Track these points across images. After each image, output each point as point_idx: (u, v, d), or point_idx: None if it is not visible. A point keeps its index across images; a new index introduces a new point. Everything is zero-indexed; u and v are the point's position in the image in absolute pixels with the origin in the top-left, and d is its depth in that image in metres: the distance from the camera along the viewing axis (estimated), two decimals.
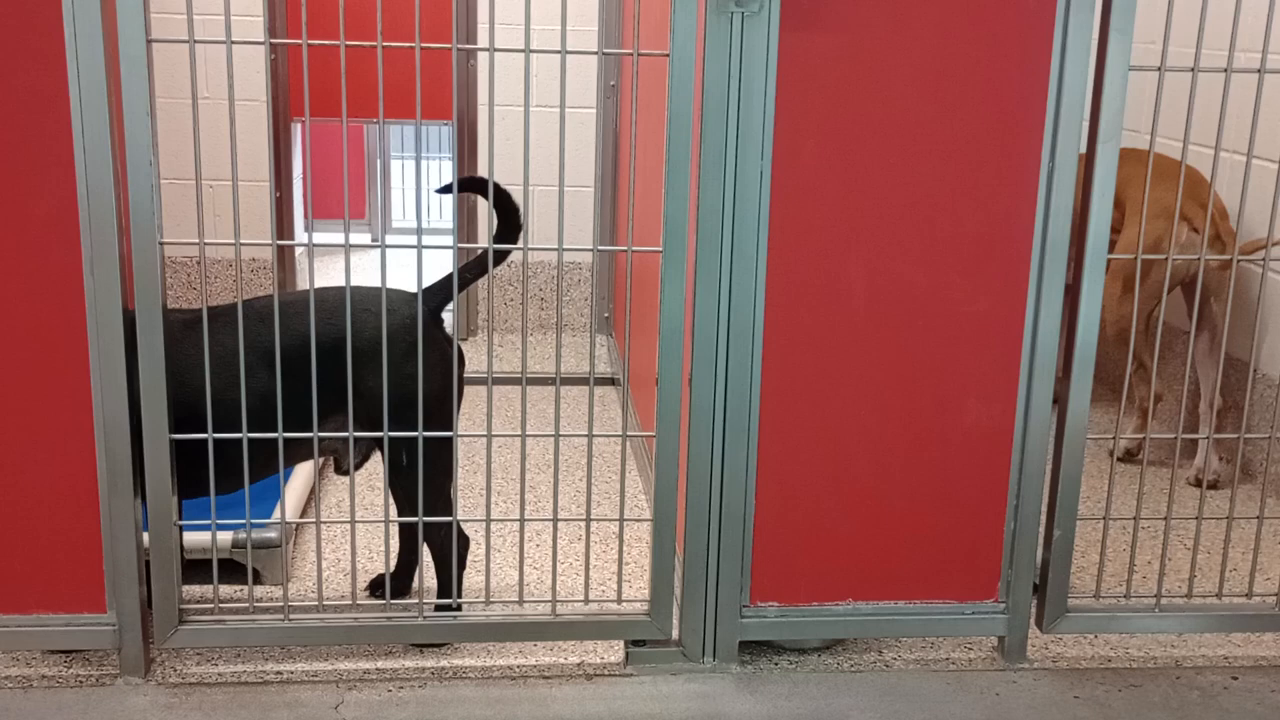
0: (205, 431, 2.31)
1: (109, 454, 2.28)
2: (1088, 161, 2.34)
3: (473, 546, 2.76)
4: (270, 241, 2.27)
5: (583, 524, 2.95)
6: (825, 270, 2.35)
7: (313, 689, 2.42)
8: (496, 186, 2.38)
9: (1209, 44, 2.37)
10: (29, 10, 2.11)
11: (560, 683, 2.48)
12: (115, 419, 2.27)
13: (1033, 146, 2.32)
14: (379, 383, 2.37)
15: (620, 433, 2.49)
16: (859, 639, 2.64)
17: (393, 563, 2.65)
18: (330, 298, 2.40)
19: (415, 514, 2.43)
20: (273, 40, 2.92)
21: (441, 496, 2.47)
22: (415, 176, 2.23)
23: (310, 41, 2.19)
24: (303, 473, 3.07)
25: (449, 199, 7.12)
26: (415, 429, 2.36)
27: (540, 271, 4.86)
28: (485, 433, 2.37)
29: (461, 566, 2.55)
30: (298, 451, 2.45)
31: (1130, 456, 3.67)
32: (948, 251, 2.36)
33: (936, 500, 2.48)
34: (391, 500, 2.48)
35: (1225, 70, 2.34)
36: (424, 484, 2.40)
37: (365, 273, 5.61)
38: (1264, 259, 2.59)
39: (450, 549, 2.48)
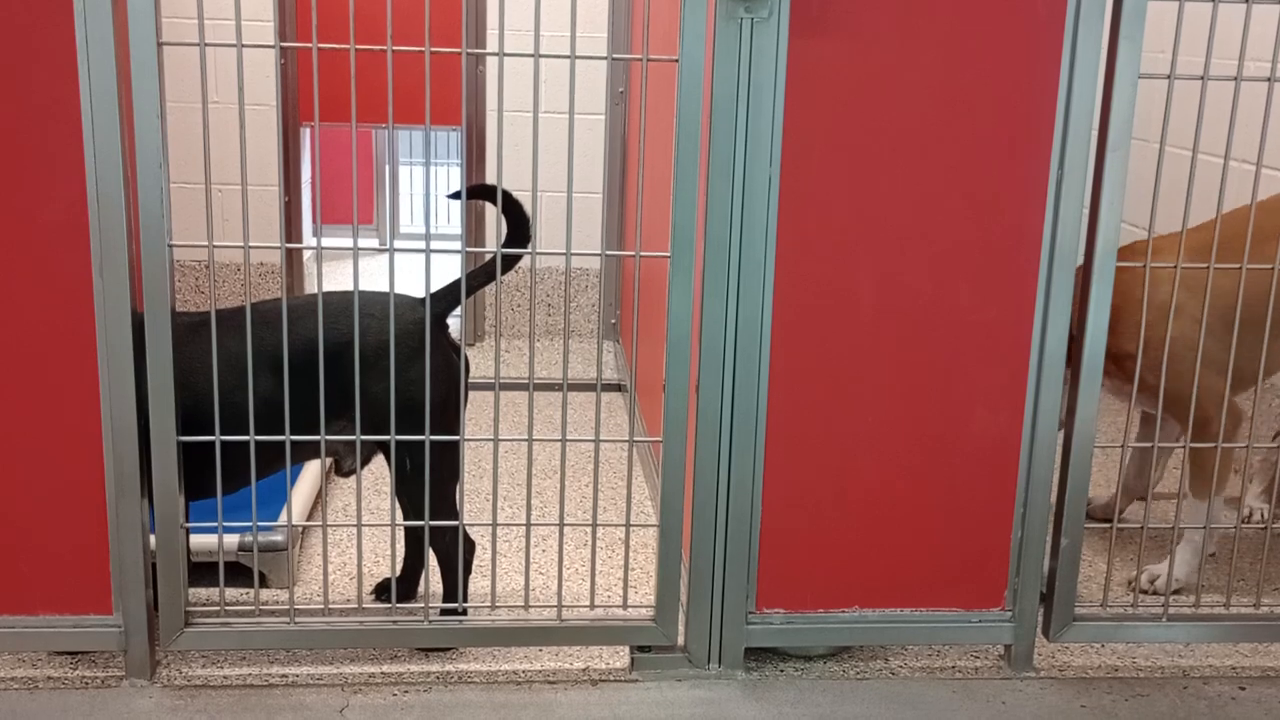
0: (209, 433, 2.31)
1: (116, 456, 2.29)
2: (1096, 170, 2.34)
3: (478, 551, 2.76)
4: (279, 245, 2.27)
5: (589, 529, 2.94)
6: (833, 277, 2.35)
7: (318, 692, 2.42)
8: (506, 194, 2.37)
9: (1218, 53, 2.36)
10: (40, 13, 2.11)
11: (565, 688, 2.48)
12: (123, 421, 2.27)
13: (1041, 154, 2.32)
14: (381, 387, 2.37)
15: (627, 438, 2.48)
16: (865, 646, 2.63)
17: (398, 567, 2.65)
18: (334, 301, 2.40)
19: (421, 518, 2.43)
20: (283, 44, 2.93)
21: (447, 501, 2.47)
22: (424, 181, 2.22)
23: (320, 45, 2.19)
24: (309, 476, 3.07)
25: (457, 204, 7.11)
26: (419, 434, 2.36)
27: (548, 277, 4.86)
28: (492, 437, 2.37)
29: (467, 571, 2.55)
30: (299, 452, 2.45)
31: None
32: (956, 259, 2.36)
33: (943, 508, 2.48)
34: (398, 505, 2.48)
35: (1235, 79, 2.34)
36: (430, 489, 2.40)
37: (374, 277, 5.61)
38: (1275, 266, 2.58)
39: (456, 553, 2.48)
